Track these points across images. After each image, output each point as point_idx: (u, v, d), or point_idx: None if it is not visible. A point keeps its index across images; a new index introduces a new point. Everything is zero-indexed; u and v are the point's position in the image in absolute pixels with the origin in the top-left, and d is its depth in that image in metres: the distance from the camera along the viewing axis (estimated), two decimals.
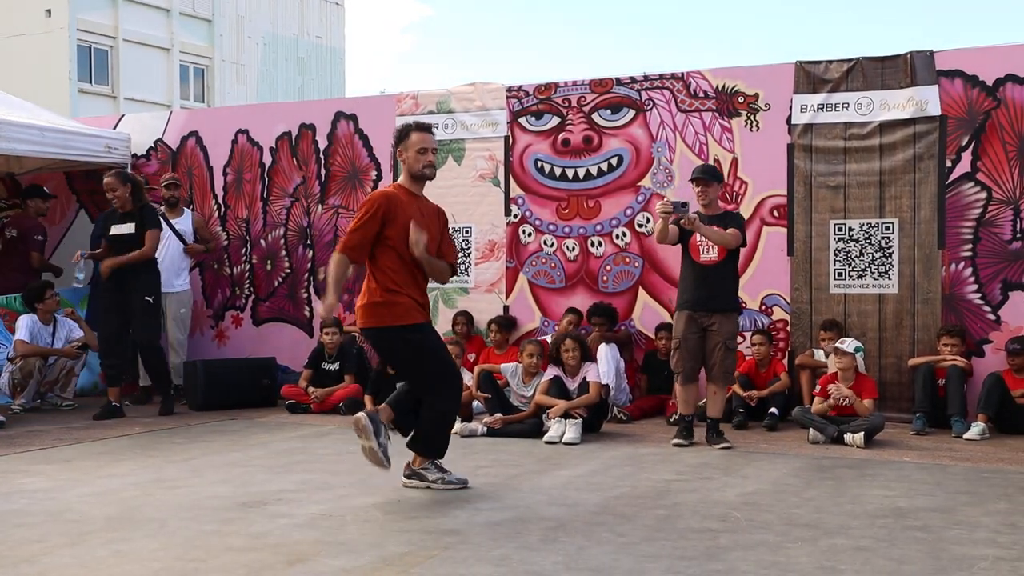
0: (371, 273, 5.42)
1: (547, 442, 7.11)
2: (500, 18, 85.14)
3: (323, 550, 4.20)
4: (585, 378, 7.50)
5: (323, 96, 32.91)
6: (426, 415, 5.41)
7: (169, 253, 9.67)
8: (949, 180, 8.02)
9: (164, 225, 9.47)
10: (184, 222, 9.98)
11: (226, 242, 10.59)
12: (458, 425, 7.38)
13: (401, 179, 5.57)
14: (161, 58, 30.73)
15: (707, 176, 7.17)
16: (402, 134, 5.51)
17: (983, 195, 7.94)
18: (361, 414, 5.30)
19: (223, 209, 10.60)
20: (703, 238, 7.00)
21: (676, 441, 7.02)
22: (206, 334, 10.58)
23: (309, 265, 10.24)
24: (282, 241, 10.37)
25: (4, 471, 6.03)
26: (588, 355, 7.66)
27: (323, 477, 5.84)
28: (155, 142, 10.93)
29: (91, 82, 28.97)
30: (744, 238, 7.17)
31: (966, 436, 7.24)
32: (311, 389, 8.89)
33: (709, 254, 7.04)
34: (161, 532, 4.52)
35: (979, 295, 7.95)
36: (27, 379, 8.92)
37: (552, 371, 7.62)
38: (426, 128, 5.51)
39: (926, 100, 8.04)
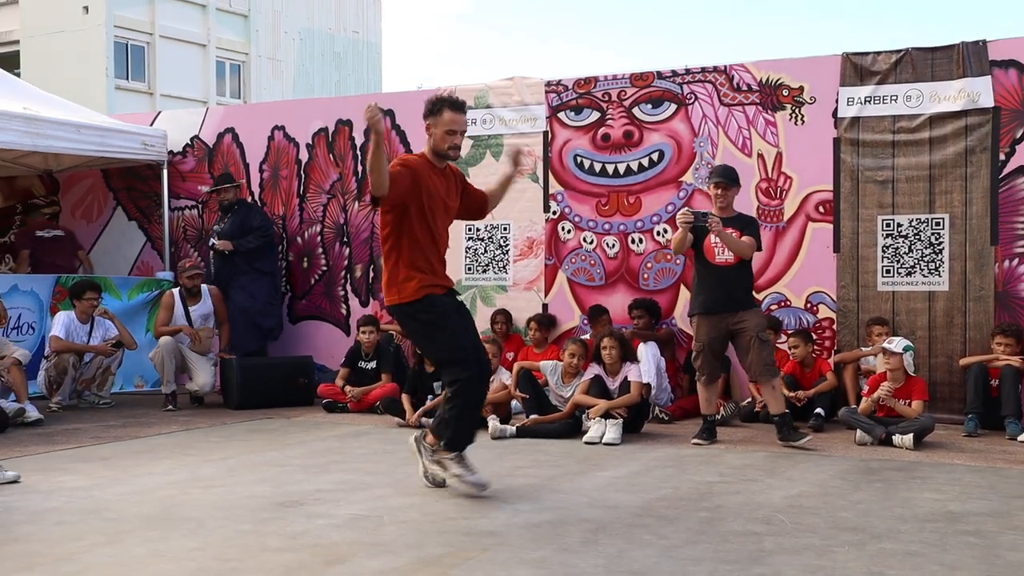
0: (390, 251, 5.33)
1: (587, 442, 7.02)
2: (538, 11, 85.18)
3: (361, 551, 4.15)
4: (626, 377, 7.39)
5: (360, 91, 33.05)
6: (444, 401, 5.35)
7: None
8: (1002, 174, 7.82)
9: (180, 310, 9.45)
10: (204, 306, 9.63)
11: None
12: (491, 426, 7.30)
13: (425, 149, 5.44)
14: (197, 54, 30.94)
15: (727, 179, 7.11)
16: (435, 107, 5.35)
17: None
18: (410, 439, 5.52)
19: (260, 206, 10.58)
20: (718, 240, 6.96)
21: (696, 440, 6.99)
22: None
23: (346, 263, 10.20)
24: (319, 238, 10.34)
25: (43, 469, 6.03)
26: (629, 354, 7.54)
27: (360, 477, 5.79)
28: (191, 139, 10.95)
29: (128, 79, 29.23)
30: (759, 244, 7.18)
31: (1020, 438, 7.07)
32: (348, 388, 8.84)
33: (725, 255, 7.01)
34: (198, 532, 4.49)
35: None
36: (62, 376, 8.95)
37: (593, 370, 7.51)
38: (460, 107, 5.36)
39: (978, 91, 7.84)
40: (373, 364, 8.99)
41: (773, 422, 7.05)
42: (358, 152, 10.14)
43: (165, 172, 10.78)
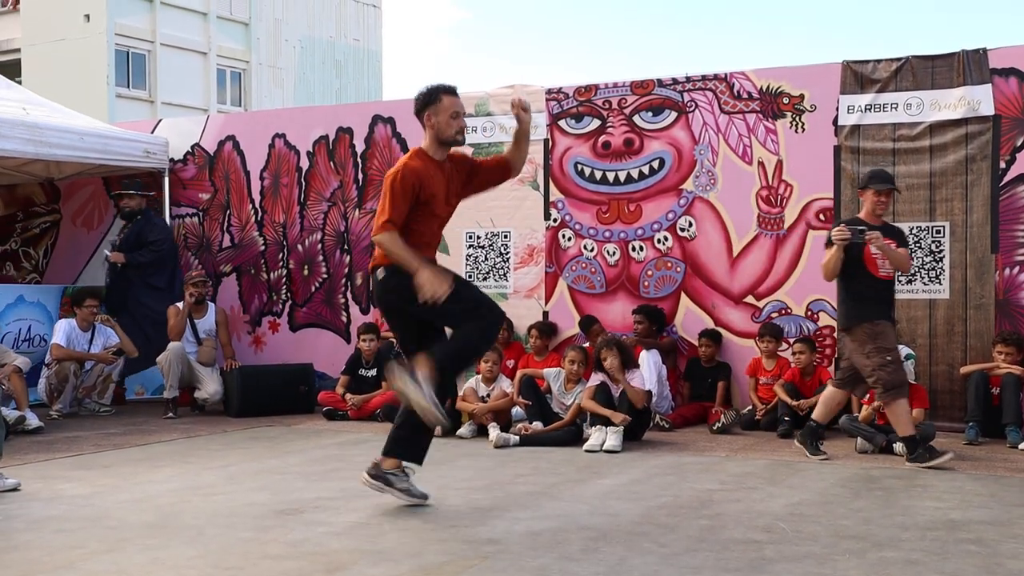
0: None
1: (587, 450, 7.00)
2: (538, 20, 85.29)
3: (361, 559, 4.15)
4: (630, 384, 7.42)
5: (360, 99, 33.07)
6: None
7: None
8: (1003, 182, 7.82)
9: (188, 327, 9.45)
10: (208, 321, 9.66)
11: (263, 247, 10.58)
12: (493, 434, 7.30)
13: (424, 145, 5.18)
14: (198, 62, 30.97)
15: (892, 185, 6.70)
16: (430, 97, 5.13)
17: None
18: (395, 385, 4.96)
19: (260, 214, 10.60)
20: (879, 252, 6.48)
21: (932, 464, 6.34)
22: (243, 340, 10.57)
23: (346, 270, 10.20)
24: (319, 246, 10.34)
25: (44, 476, 6.03)
26: (629, 360, 7.52)
27: (360, 485, 5.76)
28: (192, 146, 10.95)
29: (129, 86, 29.25)
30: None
31: (1021, 446, 7.05)
32: (348, 396, 8.83)
33: (887, 268, 6.54)
34: (199, 539, 4.49)
35: None
36: (63, 383, 8.95)
37: (598, 377, 7.50)
38: (455, 91, 5.17)
39: (979, 100, 7.84)
40: (373, 372, 8.99)
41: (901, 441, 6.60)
42: (358, 160, 10.14)
43: (166, 180, 10.78)
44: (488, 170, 5.40)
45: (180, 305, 9.56)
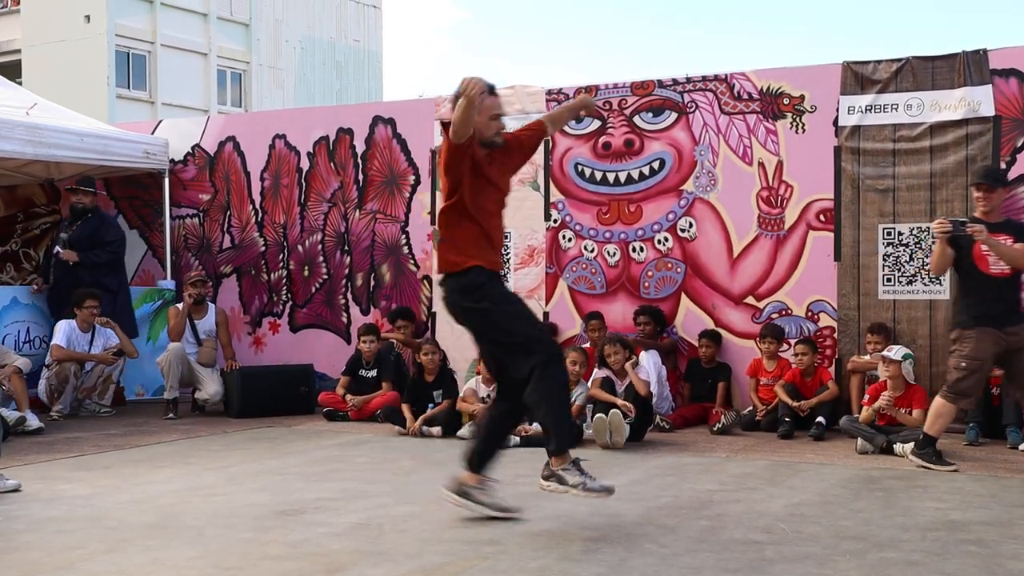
0: (444, 239, 4.99)
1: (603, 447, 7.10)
2: (538, 20, 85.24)
3: (361, 559, 4.15)
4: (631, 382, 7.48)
5: (361, 100, 33.08)
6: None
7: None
8: None
9: (188, 328, 9.43)
10: (208, 322, 9.65)
11: (263, 248, 10.59)
12: None
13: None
14: (198, 63, 30.97)
15: (989, 181, 6.38)
16: None
17: None
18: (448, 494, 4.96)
19: (260, 215, 10.60)
20: (984, 246, 6.21)
21: (938, 467, 6.25)
22: (243, 340, 10.57)
23: (347, 271, 10.20)
24: (320, 247, 10.34)
25: (44, 477, 6.04)
26: (631, 356, 7.65)
27: (361, 485, 5.79)
28: (192, 147, 10.96)
29: (129, 87, 29.25)
30: None
31: (1022, 447, 7.05)
32: (349, 396, 8.83)
33: (1000, 265, 6.24)
34: (199, 540, 4.49)
35: None
36: (63, 384, 8.95)
37: (602, 372, 7.60)
38: (496, 91, 4.98)
39: (979, 100, 7.84)
40: (374, 372, 8.99)
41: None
42: (359, 160, 10.15)
43: (167, 180, 10.78)
44: (528, 137, 5.34)
45: (180, 306, 9.56)
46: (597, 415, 7.23)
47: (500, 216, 5.15)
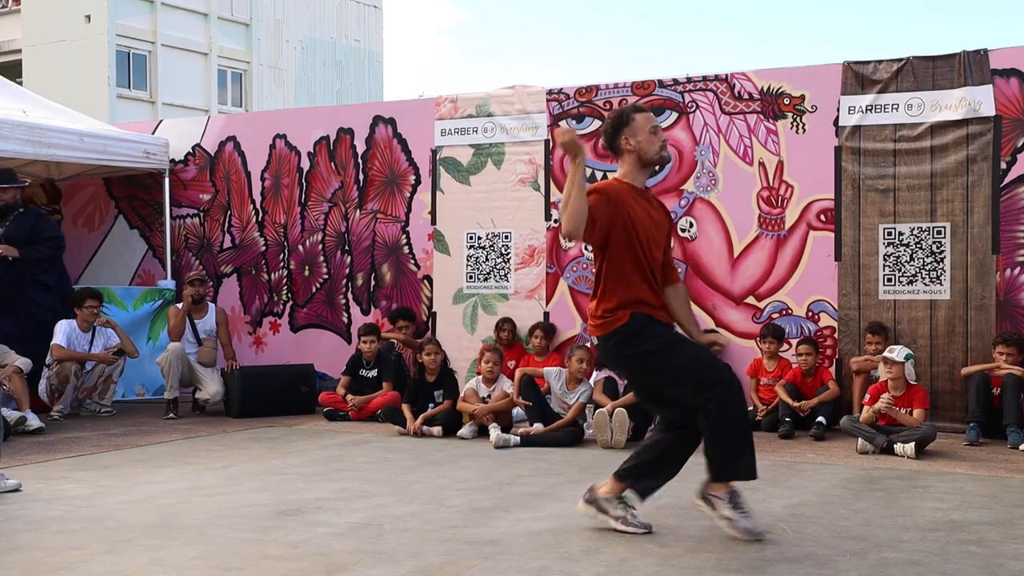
0: (597, 287, 4.65)
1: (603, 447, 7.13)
2: (538, 20, 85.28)
3: (362, 559, 4.15)
4: None
5: (361, 100, 33.09)
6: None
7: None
8: (1004, 183, 7.82)
9: (188, 328, 9.41)
10: (208, 321, 9.61)
11: (264, 248, 10.60)
12: (493, 435, 7.31)
13: (620, 174, 4.70)
14: (199, 63, 30.97)
15: None
16: (620, 119, 4.64)
17: None
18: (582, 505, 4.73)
19: (261, 214, 10.60)
20: None
21: None
22: (243, 340, 10.57)
23: (347, 271, 10.20)
24: (320, 247, 10.34)
25: (44, 477, 6.03)
26: None
27: (361, 485, 5.78)
28: (193, 147, 10.96)
29: (130, 87, 29.26)
30: None
31: (1022, 447, 7.04)
32: (349, 396, 8.83)
33: None
34: (199, 540, 4.48)
35: None
36: (64, 384, 8.95)
37: (604, 372, 7.61)
38: (643, 108, 4.74)
39: (979, 100, 7.84)
40: (374, 372, 8.99)
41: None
42: (359, 160, 10.15)
43: (167, 180, 10.78)
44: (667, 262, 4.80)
45: (180, 305, 9.55)
46: (599, 411, 7.24)
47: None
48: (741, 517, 4.49)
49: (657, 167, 4.82)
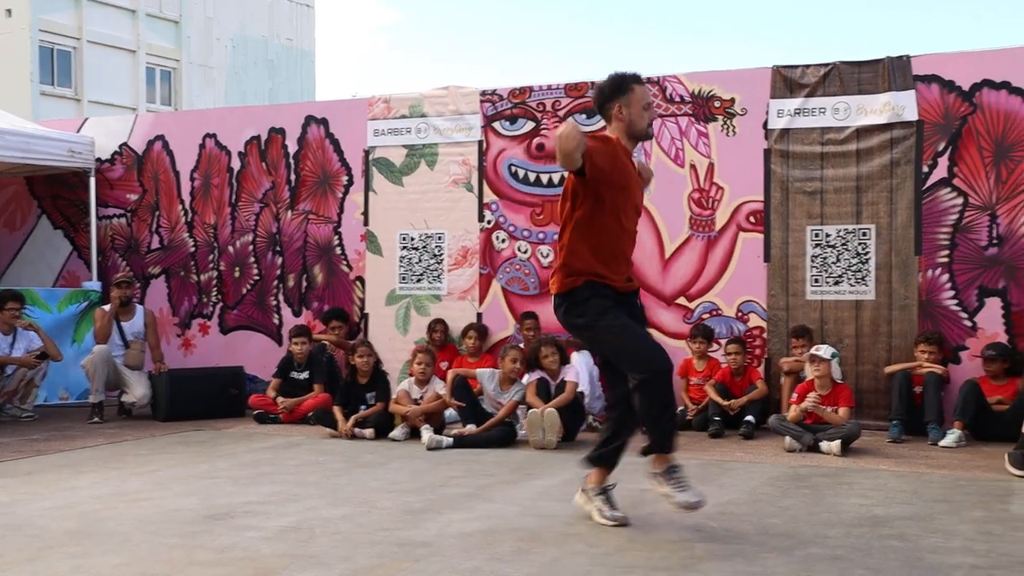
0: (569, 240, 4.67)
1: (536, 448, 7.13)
2: (472, 20, 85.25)
3: (292, 563, 4.09)
4: (563, 379, 7.54)
5: (293, 99, 32.73)
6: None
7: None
8: (926, 186, 8.01)
9: (113, 329, 9.21)
10: (135, 324, 9.41)
11: (193, 248, 10.44)
12: (425, 437, 7.28)
13: (615, 135, 4.68)
14: (126, 60, 30.38)
15: None
16: (620, 85, 4.63)
17: (960, 201, 7.92)
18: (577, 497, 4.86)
19: (190, 215, 10.44)
20: None
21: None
22: (172, 343, 10.40)
23: (279, 272, 10.09)
24: (251, 247, 10.21)
25: None
26: (566, 359, 7.70)
27: (292, 489, 5.72)
28: (120, 146, 10.76)
29: (54, 84, 28.60)
30: None
31: (942, 443, 7.22)
32: (280, 399, 8.73)
33: None
34: (123, 547, 4.39)
35: (956, 302, 7.94)
36: None
37: (536, 374, 7.63)
38: (643, 80, 4.73)
39: (903, 105, 8.02)
40: (305, 374, 8.90)
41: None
42: (291, 160, 10.04)
43: (92, 180, 10.57)
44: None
45: (106, 307, 9.36)
46: (531, 412, 7.25)
47: None
48: (677, 491, 4.60)
49: (643, 139, 4.86)
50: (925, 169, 8.00)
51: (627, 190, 4.66)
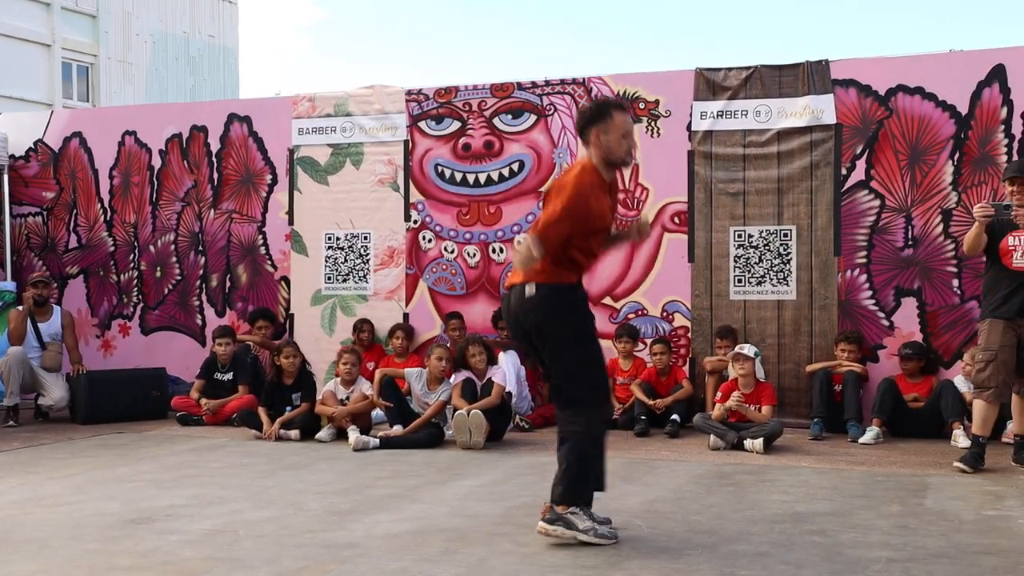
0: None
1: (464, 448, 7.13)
2: (398, 19, 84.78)
3: (215, 567, 4.04)
4: (491, 379, 7.54)
5: (215, 97, 32.20)
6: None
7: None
8: (844, 188, 8.18)
9: (29, 331, 8.98)
10: (52, 324, 9.18)
11: (112, 248, 10.22)
12: (352, 437, 7.23)
13: (594, 161, 4.62)
14: (41, 54, 29.60)
15: (1023, 174, 6.23)
16: (600, 112, 4.60)
17: (877, 203, 8.12)
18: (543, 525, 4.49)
19: (109, 214, 10.23)
20: (1017, 242, 6.14)
21: (962, 467, 6.17)
22: (91, 344, 10.17)
23: (201, 272, 9.93)
24: (172, 247, 10.04)
25: None
26: (493, 359, 7.69)
27: (215, 491, 5.64)
28: (35, 143, 10.49)
29: None
30: None
31: (861, 440, 7.38)
32: (203, 400, 8.60)
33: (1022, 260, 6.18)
34: (41, 553, 4.29)
35: (873, 301, 8.13)
36: None
37: (463, 374, 7.60)
38: (625, 108, 4.72)
39: (822, 108, 8.19)
40: (230, 376, 8.78)
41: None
42: (213, 159, 9.89)
43: (6, 177, 10.28)
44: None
45: (21, 308, 9.12)
46: (458, 413, 7.25)
47: None
48: (599, 526, 4.46)
49: (620, 167, 4.75)
50: (844, 171, 8.18)
51: (604, 231, 4.65)
